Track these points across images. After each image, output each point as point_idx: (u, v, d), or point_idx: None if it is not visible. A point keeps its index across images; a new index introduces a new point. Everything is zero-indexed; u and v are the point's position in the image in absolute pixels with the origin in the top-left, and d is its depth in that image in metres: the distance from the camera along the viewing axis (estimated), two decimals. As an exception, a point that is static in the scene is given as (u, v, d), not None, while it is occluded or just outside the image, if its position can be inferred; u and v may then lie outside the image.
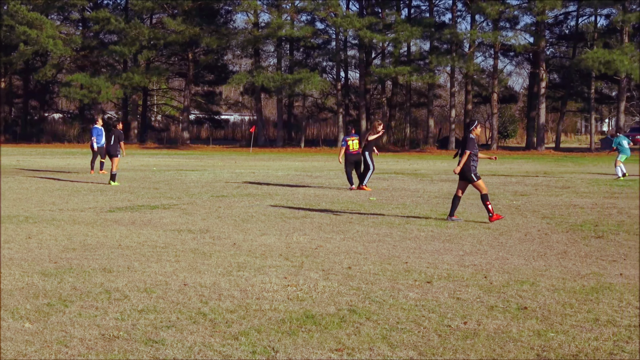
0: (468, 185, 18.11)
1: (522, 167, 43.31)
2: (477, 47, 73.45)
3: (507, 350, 7.69)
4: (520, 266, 12.18)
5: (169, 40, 74.26)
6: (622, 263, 12.57)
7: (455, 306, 9.46)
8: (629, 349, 7.74)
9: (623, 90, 69.20)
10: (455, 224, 17.28)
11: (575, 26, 76.52)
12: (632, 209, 20.48)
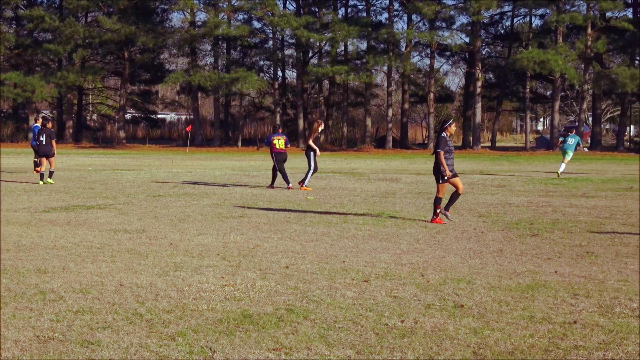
0: (458, 178, 17.84)
1: (459, 166, 43.59)
2: (413, 47, 73.83)
3: (443, 348, 7.72)
4: (457, 264, 12.25)
5: (105, 39, 73.64)
6: (557, 261, 12.70)
7: (392, 304, 9.48)
8: (564, 345, 7.82)
9: (557, 89, 70.02)
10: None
11: (510, 26, 77.30)
12: (567, 207, 20.72)
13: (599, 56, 69.78)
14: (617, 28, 66.78)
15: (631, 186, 27.90)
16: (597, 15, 67.81)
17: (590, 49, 67.34)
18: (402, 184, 29.02)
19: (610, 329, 8.44)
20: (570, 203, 21.91)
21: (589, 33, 67.35)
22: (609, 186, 27.98)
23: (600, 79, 66.85)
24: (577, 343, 7.92)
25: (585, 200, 22.89)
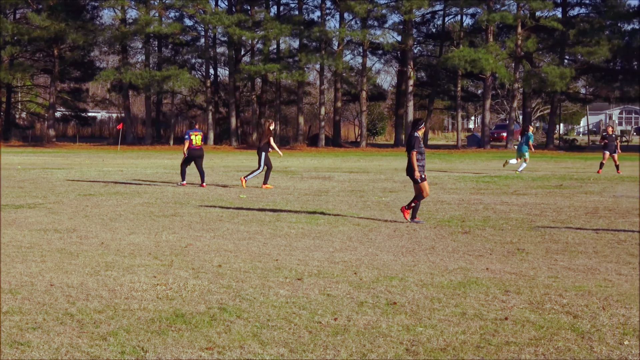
0: (426, 181, 17.44)
1: (391, 164, 43.85)
2: (346, 45, 73.99)
3: (376, 346, 7.74)
4: (390, 262, 12.30)
5: (34, 36, 72.61)
6: (488, 258, 12.81)
7: (325, 302, 9.49)
8: (495, 341, 7.89)
9: (488, 88, 70.68)
10: (324, 221, 17.37)
11: (441, 25, 77.83)
12: (498, 205, 20.91)
13: (529, 55, 70.57)
14: (546, 27, 67.60)
15: (561, 184, 28.25)
16: (527, 14, 68.54)
17: (521, 48, 68.08)
18: (335, 182, 29.09)
19: (540, 324, 8.53)
20: (501, 200, 22.13)
21: (519, 32, 68.06)
22: (539, 184, 28.31)
23: (530, 78, 67.60)
24: (509, 339, 7.99)
25: (516, 197, 23.14)
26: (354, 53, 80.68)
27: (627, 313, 9.04)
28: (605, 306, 9.38)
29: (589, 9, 72.71)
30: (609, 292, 10.10)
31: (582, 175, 32.95)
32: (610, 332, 8.28)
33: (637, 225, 16.91)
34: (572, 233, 15.61)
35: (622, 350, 7.65)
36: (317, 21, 74.42)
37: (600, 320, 8.75)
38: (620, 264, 12.23)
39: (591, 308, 9.29)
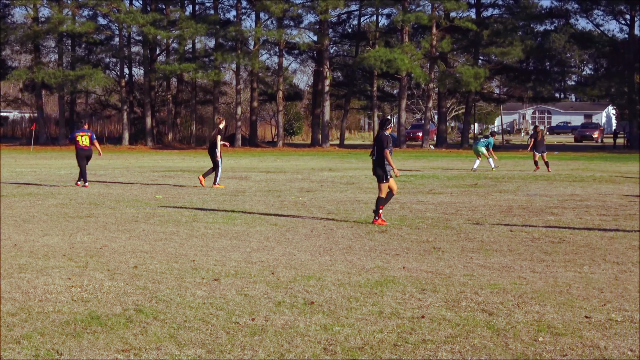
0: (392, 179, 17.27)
1: (308, 163, 43.92)
2: (262, 45, 73.84)
3: (294, 345, 7.74)
4: (307, 262, 12.30)
5: (-57, 35, 71.22)
6: (404, 256, 12.89)
7: (243, 303, 9.46)
8: (413, 340, 7.93)
9: (404, 88, 71.15)
10: (243, 221, 17.32)
11: (357, 25, 78.14)
12: (414, 204, 21.06)
13: (443, 55, 71.22)
14: (460, 28, 68.30)
15: (475, 183, 28.56)
16: (442, 15, 69.20)
17: (435, 49, 68.69)
18: (251, 182, 29.02)
19: (457, 322, 8.61)
20: (417, 200, 22.30)
21: (433, 33, 68.67)
22: (454, 183, 28.59)
23: (445, 78, 68.24)
24: (425, 337, 8.04)
25: (431, 196, 23.33)
26: (270, 53, 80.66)
27: (541, 310, 9.17)
28: (519, 303, 9.50)
29: (502, 10, 73.65)
30: (524, 290, 10.23)
31: (496, 175, 33.37)
32: (525, 328, 8.39)
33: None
34: (487, 231, 15.79)
35: (537, 346, 7.75)
36: (233, 20, 74.16)
37: (515, 317, 8.86)
38: (535, 261, 12.40)
39: (506, 305, 9.40)
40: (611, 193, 24.44)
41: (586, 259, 12.58)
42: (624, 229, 16.06)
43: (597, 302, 9.60)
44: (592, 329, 8.40)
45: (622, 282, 10.73)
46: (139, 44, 76.63)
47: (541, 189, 25.87)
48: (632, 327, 8.46)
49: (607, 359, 7.39)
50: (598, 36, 72.53)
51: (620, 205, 20.88)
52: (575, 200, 22.05)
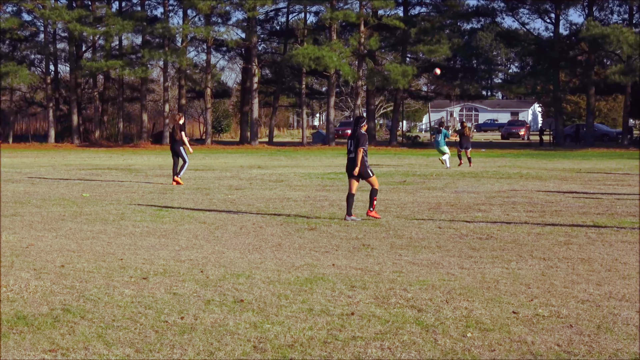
0: (359, 181, 17.59)
1: (237, 161, 43.80)
2: (189, 42, 73.46)
3: (224, 344, 7.70)
4: (236, 259, 12.26)
5: None
6: (334, 254, 12.91)
7: (172, 301, 9.40)
8: (342, 337, 7.94)
9: (332, 85, 71.28)
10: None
11: (285, 23, 78.10)
12: (343, 202, 21.10)
13: (372, 53, 71.50)
14: (388, 26, 68.60)
15: (404, 180, 28.71)
16: (370, 13, 69.44)
17: (364, 46, 68.93)
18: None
19: (386, 319, 8.64)
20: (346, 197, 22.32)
21: (362, 30, 68.89)
22: (383, 180, 28.70)
23: (373, 76, 68.49)
24: (355, 334, 8.06)
25: (360, 193, 23.38)
26: (198, 50, 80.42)
27: (469, 306, 9.24)
28: (448, 299, 9.56)
29: (429, 9, 74.18)
30: (452, 286, 10.31)
31: (424, 172, 33.59)
32: (454, 324, 8.44)
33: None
34: (416, 228, 15.89)
35: (466, 342, 7.81)
36: (160, 17, 73.70)
37: (444, 313, 8.91)
38: (463, 258, 12.50)
39: (435, 302, 9.46)
40: (538, 189, 24.74)
41: (513, 255, 12.71)
42: (550, 225, 16.26)
43: (525, 297, 9.71)
44: (519, 324, 8.48)
45: (549, 278, 10.86)
46: (65, 41, 75.72)
47: (469, 186, 26.09)
48: (558, 322, 8.57)
49: (535, 354, 7.47)
50: (524, 35, 73.41)
51: (547, 201, 21.15)
52: (503, 197, 22.28)
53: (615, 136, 76.93)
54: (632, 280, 10.68)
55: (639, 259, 12.34)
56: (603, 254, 12.85)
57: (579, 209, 19.18)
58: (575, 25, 74.25)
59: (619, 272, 11.26)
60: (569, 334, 8.09)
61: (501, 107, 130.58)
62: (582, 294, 9.90)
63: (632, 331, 8.21)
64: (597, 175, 30.91)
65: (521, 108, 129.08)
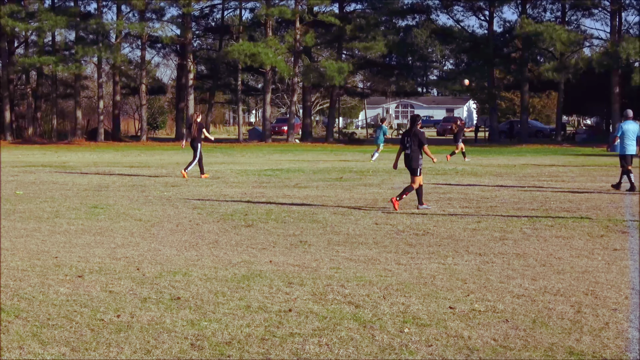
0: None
1: (173, 158, 43.52)
2: (124, 38, 72.89)
3: (161, 341, 7.66)
4: (173, 257, 12.20)
5: None
6: (271, 250, 12.90)
7: (107, 299, 9.32)
8: (280, 333, 7.94)
9: (268, 82, 71.18)
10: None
11: (221, 19, 77.78)
12: (280, 198, 21.09)
13: (307, 50, 71.54)
14: (324, 22, 68.66)
15: (341, 176, 28.76)
16: (305, 9, 69.40)
17: (299, 43, 68.91)
18: (115, 177, 28.61)
19: (324, 315, 8.65)
20: (283, 194, 22.33)
21: (297, 27, 68.85)
22: (320, 176, 28.75)
23: (309, 72, 68.50)
24: (293, 330, 8.06)
25: (297, 190, 23.40)
26: (133, 46, 79.60)
27: (406, 301, 9.29)
28: (385, 295, 9.60)
29: (365, 5, 74.32)
30: (389, 282, 10.35)
31: (361, 168, 33.69)
32: (391, 320, 8.48)
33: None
34: (353, 224, 15.93)
35: (403, 337, 7.85)
36: (94, 13, 72.93)
37: (381, 309, 8.95)
38: (400, 253, 12.56)
39: (372, 297, 9.49)
40: (473, 185, 24.95)
41: (450, 251, 12.81)
42: (486, 221, 16.41)
43: (461, 292, 9.78)
44: (456, 319, 8.55)
45: (485, 273, 10.96)
46: (-3, 37, 74.63)
47: (405, 182, 26.20)
48: (494, 316, 8.65)
49: (471, 349, 7.53)
50: (458, 32, 73.92)
51: (482, 197, 21.33)
52: (439, 193, 22.44)
53: (549, 132, 77.81)
54: (566, 275, 10.82)
55: (573, 254, 12.50)
56: (538, 249, 13.00)
57: (514, 205, 19.38)
58: (509, 22, 74.85)
59: (553, 267, 11.40)
60: (504, 329, 8.17)
61: (436, 103, 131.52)
62: (517, 288, 10.00)
63: (566, 325, 8.32)
64: (531, 171, 31.24)
65: (456, 105, 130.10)
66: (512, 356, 7.33)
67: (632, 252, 12.72)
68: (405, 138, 18.77)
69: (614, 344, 7.71)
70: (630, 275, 10.81)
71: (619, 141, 23.17)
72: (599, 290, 9.90)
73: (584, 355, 7.34)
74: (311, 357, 7.29)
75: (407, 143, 18.61)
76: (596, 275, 10.83)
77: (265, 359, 7.23)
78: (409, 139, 18.61)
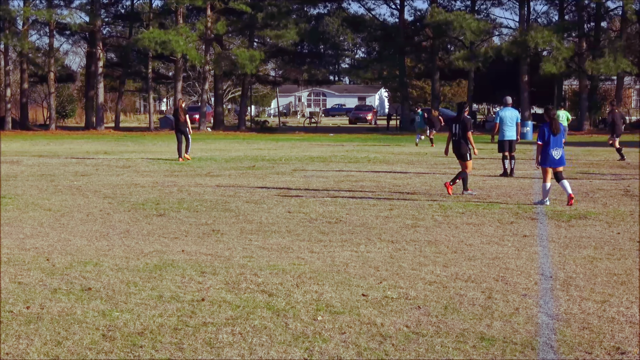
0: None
1: (83, 147, 42.98)
2: (31, 25, 71.66)
3: (72, 333, 7.57)
4: (83, 247, 12.06)
5: None
6: (184, 240, 12.83)
7: (17, 291, 9.18)
8: (193, 323, 7.91)
9: (179, 70, 70.67)
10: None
11: (131, 6, 76.96)
12: (192, 187, 20.97)
13: (219, 38, 71.15)
14: (235, 10, 68.32)
15: (253, 165, 28.71)
16: (217, -3, 69.05)
17: (211, 31, 68.51)
18: (23, 166, 28.14)
19: (237, 304, 8.64)
20: (196, 182, 22.22)
21: (208, 15, 68.42)
22: (232, 165, 28.66)
23: (220, 60, 68.17)
24: (206, 320, 8.03)
25: (210, 179, 23.30)
26: (41, 33, 78.45)
27: (319, 289, 9.32)
28: (298, 283, 9.62)
29: (276, -7, 74.24)
30: (302, 270, 10.37)
31: (273, 156, 33.68)
32: (305, 308, 8.50)
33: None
34: (266, 213, 15.91)
35: (316, 325, 7.87)
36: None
37: (294, 297, 8.96)
38: (313, 242, 12.59)
39: (285, 286, 9.50)
40: (385, 172, 25.11)
41: (362, 238, 12.87)
42: (397, 208, 16.52)
43: (374, 280, 9.84)
44: (369, 306, 8.60)
45: (397, 260, 11.04)
46: None
47: (317, 170, 26.28)
48: (406, 303, 8.72)
49: (384, 335, 7.58)
50: (370, 20, 74.25)
51: (394, 185, 21.48)
52: (351, 181, 22.53)
53: (459, 121, 78.66)
54: (477, 262, 10.95)
55: (484, 241, 12.66)
56: (449, 236, 13.14)
57: (426, 192, 19.56)
58: (420, 11, 75.34)
59: (464, 254, 11.53)
60: (417, 315, 8.25)
61: (349, 92, 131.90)
62: (429, 275, 10.10)
63: (477, 311, 8.42)
64: (442, 159, 31.56)
65: (368, 93, 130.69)
66: (425, 342, 7.40)
67: (540, 238, 12.93)
68: (453, 125, 19.17)
69: (524, 329, 7.83)
70: (540, 261, 10.99)
71: (499, 127, 23.92)
72: (509, 276, 10.04)
73: (495, 341, 7.44)
74: (224, 346, 7.27)
75: (455, 130, 19.04)
76: (506, 261, 10.99)
77: (178, 349, 7.19)
78: (457, 126, 19.02)
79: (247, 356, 7.03)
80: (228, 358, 6.99)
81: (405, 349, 7.24)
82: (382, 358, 7.01)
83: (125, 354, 7.06)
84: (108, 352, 7.10)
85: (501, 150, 23.87)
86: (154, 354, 7.07)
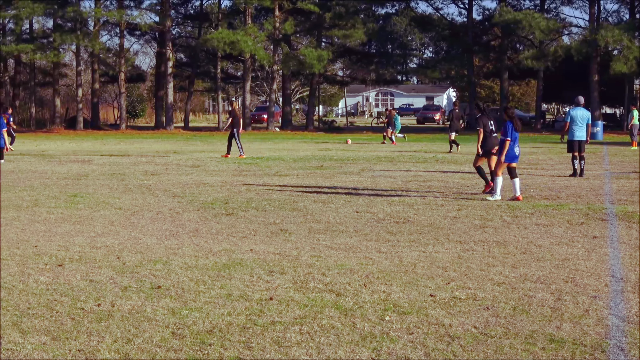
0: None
1: (152, 146, 43.42)
2: (102, 26, 72.52)
3: (142, 330, 7.64)
4: (153, 245, 12.17)
5: None
6: (252, 239, 12.89)
7: (88, 288, 9.29)
8: (261, 322, 7.94)
9: (248, 70, 71.01)
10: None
11: (200, 6, 77.51)
12: (260, 186, 21.06)
13: (287, 37, 71.34)
14: (303, 10, 68.48)
15: (321, 164, 28.76)
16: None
17: (279, 31, 68.74)
18: (95, 165, 28.51)
19: (305, 303, 8.65)
20: (264, 182, 22.31)
21: (276, 15, 68.67)
22: (300, 165, 28.74)
23: (288, 60, 68.34)
24: (274, 319, 8.06)
25: (278, 178, 23.39)
26: (111, 34, 79.19)
27: (387, 289, 9.30)
28: (366, 283, 9.61)
29: (344, -7, 74.23)
30: (370, 270, 10.36)
31: (341, 156, 33.69)
32: (372, 308, 8.49)
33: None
34: (334, 213, 15.92)
35: (384, 325, 7.86)
36: (72, 1, 72.51)
37: (362, 297, 8.96)
38: (380, 242, 12.57)
39: (353, 285, 9.50)
40: (453, 173, 24.99)
41: (430, 239, 12.83)
42: (466, 208, 16.44)
43: (442, 280, 9.80)
44: (437, 307, 8.57)
45: (465, 261, 10.99)
46: (-27, 24, 74.17)
47: (385, 170, 26.24)
48: (475, 304, 8.67)
49: (452, 336, 7.55)
50: (438, 20, 73.99)
51: (462, 185, 21.37)
52: (419, 181, 22.46)
53: (529, 120, 78.01)
54: (546, 263, 10.86)
55: (553, 242, 12.55)
56: (518, 236, 13.04)
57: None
58: (489, 10, 75.01)
59: (533, 255, 11.44)
60: (485, 316, 8.20)
61: (416, 91, 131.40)
62: (498, 276, 10.03)
63: (547, 312, 8.35)
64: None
65: (436, 93, 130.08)
66: (493, 344, 7.35)
67: (611, 239, 12.78)
68: (493, 124, 19.40)
69: (594, 330, 7.74)
70: (610, 263, 10.86)
71: (569, 127, 23.59)
72: (578, 278, 9.94)
73: (564, 343, 7.37)
74: (292, 345, 7.30)
75: (492, 127, 19.26)
76: (576, 262, 10.88)
77: (247, 347, 7.23)
78: (496, 125, 19.33)
79: (315, 355, 7.05)
80: (296, 357, 7.01)
81: (473, 350, 7.20)
82: (450, 359, 6.98)
83: (195, 352, 7.11)
84: (177, 349, 7.17)
85: (570, 150, 23.63)
86: (222, 352, 7.11)
